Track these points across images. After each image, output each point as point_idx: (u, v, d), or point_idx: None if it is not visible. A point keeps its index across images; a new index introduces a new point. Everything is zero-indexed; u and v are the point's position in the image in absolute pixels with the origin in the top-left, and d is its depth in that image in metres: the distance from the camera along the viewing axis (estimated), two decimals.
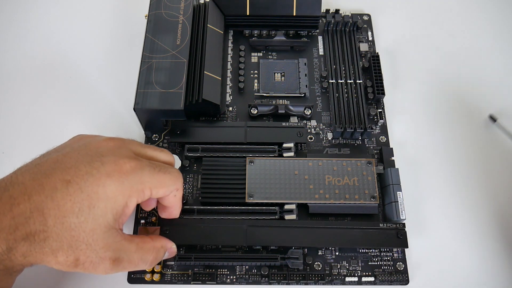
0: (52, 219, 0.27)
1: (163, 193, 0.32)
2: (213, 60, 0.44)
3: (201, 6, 0.46)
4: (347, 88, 0.45)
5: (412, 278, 0.37)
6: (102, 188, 0.28)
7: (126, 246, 0.30)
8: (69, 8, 0.52)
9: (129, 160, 0.30)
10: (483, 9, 0.54)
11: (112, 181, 0.29)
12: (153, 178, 0.31)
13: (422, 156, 0.44)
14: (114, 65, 0.48)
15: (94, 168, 0.29)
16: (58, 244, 0.27)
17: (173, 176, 0.32)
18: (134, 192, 0.30)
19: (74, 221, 0.27)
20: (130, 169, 0.30)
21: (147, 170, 0.30)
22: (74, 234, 0.28)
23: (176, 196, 0.34)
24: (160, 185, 0.31)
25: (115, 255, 0.29)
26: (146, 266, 0.32)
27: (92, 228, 0.28)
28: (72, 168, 0.29)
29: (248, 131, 0.42)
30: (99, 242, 0.28)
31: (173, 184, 0.32)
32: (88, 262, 0.29)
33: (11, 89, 0.47)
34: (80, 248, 0.28)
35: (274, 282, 0.37)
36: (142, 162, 0.31)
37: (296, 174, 0.39)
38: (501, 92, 0.48)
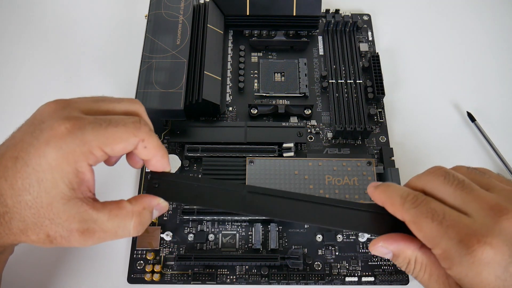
0: (10, 199, 0.26)
1: (122, 149, 0.28)
2: (213, 60, 0.44)
3: (201, 6, 0.46)
4: (347, 88, 0.45)
5: (412, 278, 0.37)
6: (44, 159, 0.26)
7: (94, 216, 0.27)
8: (69, 8, 0.52)
9: (66, 122, 0.26)
10: (482, 9, 0.54)
11: (51, 149, 0.26)
12: (100, 135, 0.26)
13: (422, 156, 0.44)
14: (114, 65, 0.48)
15: (35, 138, 0.26)
16: (23, 224, 0.27)
17: (128, 127, 0.27)
18: (79, 156, 0.26)
19: (29, 198, 0.26)
20: (66, 131, 0.26)
21: (89, 128, 0.26)
22: (34, 211, 0.26)
23: (147, 147, 0.28)
24: (112, 141, 0.27)
25: (82, 227, 0.27)
26: (132, 233, 0.29)
27: (48, 202, 0.26)
28: (19, 142, 0.27)
29: (248, 131, 0.42)
30: (61, 215, 0.26)
31: (132, 136, 0.27)
32: (59, 237, 0.27)
33: (11, 89, 0.47)
34: (45, 224, 0.27)
35: (274, 282, 0.37)
36: (82, 121, 0.27)
37: (296, 174, 0.39)
38: (503, 92, 0.48)
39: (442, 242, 0.25)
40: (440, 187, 0.27)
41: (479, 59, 0.50)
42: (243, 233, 0.39)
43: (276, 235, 0.38)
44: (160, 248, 0.38)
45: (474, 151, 0.44)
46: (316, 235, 0.39)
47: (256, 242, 0.38)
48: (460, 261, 0.24)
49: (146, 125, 0.28)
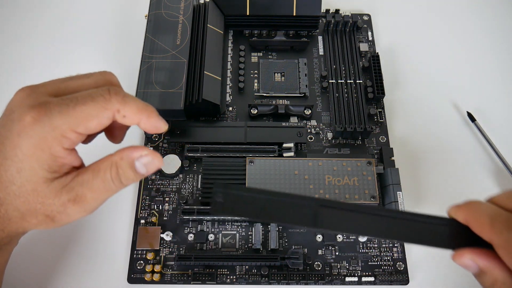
0: (1, 192, 0.27)
1: (97, 125, 0.27)
2: (213, 60, 0.44)
3: (201, 6, 0.46)
4: (347, 88, 0.45)
5: (412, 278, 0.37)
6: (18, 149, 0.26)
7: (79, 180, 0.27)
8: (69, 8, 0.52)
9: (31, 110, 0.26)
10: (482, 9, 0.54)
11: (22, 139, 0.26)
12: (68, 117, 0.26)
13: (422, 156, 0.44)
14: (114, 65, 0.48)
15: (8, 130, 0.26)
16: (18, 212, 0.27)
17: (97, 101, 0.26)
18: (51, 142, 0.26)
19: (14, 188, 0.26)
20: (33, 120, 0.25)
21: (56, 112, 0.25)
22: (23, 199, 0.27)
23: (126, 116, 0.27)
24: (83, 120, 0.26)
25: (72, 195, 0.27)
26: (115, 185, 0.28)
27: (32, 188, 0.26)
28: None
29: (248, 131, 0.42)
30: (49, 195, 0.27)
31: (103, 110, 0.26)
32: (57, 214, 0.27)
33: (11, 89, 0.47)
34: (38, 208, 0.27)
35: (274, 282, 0.37)
36: (48, 105, 0.26)
37: (296, 174, 0.39)
38: (503, 92, 0.48)
39: None
40: None
41: (479, 59, 0.50)
42: (243, 233, 0.39)
43: (276, 235, 0.38)
44: (160, 248, 0.38)
45: (474, 151, 0.44)
46: (316, 235, 0.39)
47: (256, 242, 0.38)
48: None
49: (118, 93, 0.27)
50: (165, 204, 0.40)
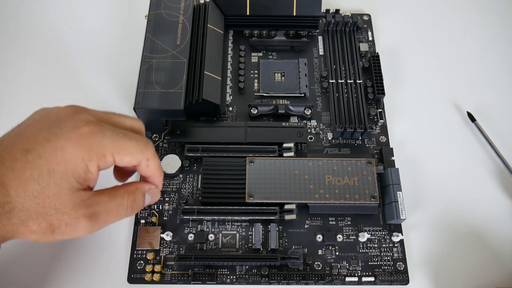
0: (14, 189, 0.27)
1: (128, 161, 0.30)
2: (213, 60, 0.44)
3: (201, 6, 0.46)
4: (347, 88, 0.45)
5: (412, 278, 0.37)
6: (60, 152, 0.27)
7: (98, 200, 0.29)
8: (69, 8, 0.52)
9: (90, 123, 0.29)
10: (482, 9, 0.54)
11: (70, 144, 0.28)
12: (116, 143, 0.29)
13: (422, 156, 0.44)
14: (114, 65, 0.48)
15: (52, 134, 0.28)
16: (25, 214, 0.27)
17: (139, 143, 0.30)
18: (94, 155, 0.28)
19: (36, 188, 0.27)
20: (89, 131, 0.28)
21: (108, 134, 0.29)
22: (39, 201, 0.27)
23: (149, 166, 0.31)
24: (123, 151, 0.29)
25: (89, 211, 0.29)
26: (127, 212, 0.31)
27: (55, 192, 0.27)
28: (32, 137, 0.28)
29: (248, 131, 0.42)
30: (67, 204, 0.28)
31: (140, 153, 0.30)
32: (64, 225, 0.28)
33: (12, 89, 0.47)
34: (50, 214, 0.28)
35: (274, 282, 0.37)
36: (104, 126, 0.29)
37: (296, 174, 0.39)
38: (503, 92, 0.48)
39: None
40: None
41: (479, 59, 0.50)
42: (243, 233, 0.39)
43: (276, 235, 0.38)
44: (160, 248, 0.38)
45: (474, 151, 0.44)
46: (316, 235, 0.39)
47: (256, 242, 0.38)
48: None
49: (153, 146, 0.32)
50: (165, 204, 0.40)
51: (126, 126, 0.32)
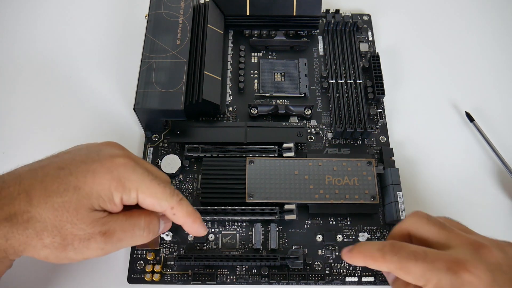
0: (36, 199, 0.28)
1: (151, 204, 0.31)
2: (213, 60, 0.44)
3: (201, 6, 0.46)
4: (347, 88, 0.45)
5: None
6: (91, 174, 0.29)
7: (114, 218, 0.30)
8: (69, 8, 0.52)
9: (126, 157, 0.30)
10: (482, 9, 0.54)
11: (102, 169, 0.29)
12: (143, 182, 0.30)
13: (422, 156, 0.44)
14: (114, 65, 0.48)
15: (89, 158, 0.30)
16: (41, 225, 0.28)
17: (166, 190, 0.31)
18: (120, 186, 0.29)
19: (58, 200, 0.28)
20: (123, 163, 0.30)
21: (139, 172, 0.30)
22: (57, 214, 0.28)
23: (176, 215, 0.32)
24: (148, 193, 0.30)
25: (104, 228, 0.29)
26: (144, 234, 0.31)
27: (75, 207, 0.28)
28: (69, 159, 0.30)
29: (248, 131, 0.42)
30: (84, 220, 0.28)
31: (165, 199, 0.31)
32: (77, 241, 0.29)
33: (12, 89, 0.47)
34: (65, 228, 0.28)
35: (274, 282, 0.37)
36: (138, 164, 0.31)
37: (296, 174, 0.39)
38: (501, 92, 0.48)
39: (432, 275, 0.27)
40: (425, 226, 0.31)
41: (478, 59, 0.50)
42: (243, 233, 0.39)
43: (276, 235, 0.38)
44: (160, 248, 0.38)
45: (473, 151, 0.44)
46: (316, 235, 0.39)
47: (256, 242, 0.38)
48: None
49: (179, 194, 0.32)
50: None
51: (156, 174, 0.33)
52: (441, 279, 0.27)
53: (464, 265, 0.27)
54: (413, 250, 0.29)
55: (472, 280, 0.26)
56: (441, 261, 0.27)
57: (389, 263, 0.29)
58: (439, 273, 0.27)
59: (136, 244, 0.33)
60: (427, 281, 0.27)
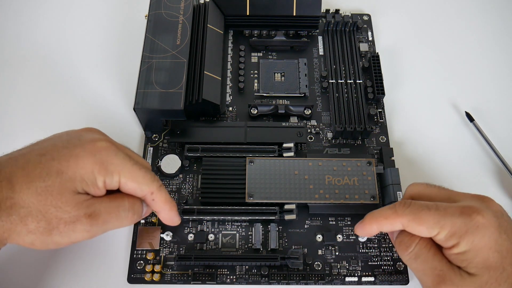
0: (19, 185, 0.28)
1: (132, 189, 0.31)
2: (213, 60, 0.44)
3: (201, 6, 0.46)
4: (347, 88, 0.45)
5: (412, 278, 0.37)
6: (74, 158, 0.29)
7: (99, 200, 0.30)
8: (69, 8, 0.52)
9: (107, 141, 0.31)
10: (482, 9, 0.54)
11: (85, 153, 0.29)
12: (125, 166, 0.30)
13: (422, 156, 0.44)
14: (114, 65, 0.48)
15: (71, 143, 0.30)
16: (25, 210, 0.28)
17: (147, 175, 0.32)
18: (102, 169, 0.29)
19: (41, 185, 0.28)
20: (105, 146, 0.30)
21: (121, 156, 0.30)
22: (41, 198, 0.28)
23: (154, 200, 0.33)
24: (130, 177, 0.31)
25: (89, 211, 0.29)
26: (128, 215, 0.32)
27: (59, 191, 0.28)
28: (50, 145, 0.30)
29: (248, 131, 0.42)
30: (69, 203, 0.29)
31: (145, 184, 0.31)
32: (63, 224, 0.29)
33: (11, 89, 0.47)
34: (50, 212, 0.28)
35: (274, 282, 0.37)
36: (119, 148, 0.31)
37: (296, 174, 0.39)
38: (501, 92, 0.48)
39: (446, 221, 0.29)
40: (426, 189, 0.33)
41: (477, 59, 0.50)
42: (243, 233, 0.39)
43: (276, 235, 0.38)
44: (160, 248, 0.38)
45: (473, 151, 0.44)
46: (316, 235, 0.39)
47: (256, 242, 0.38)
48: (466, 230, 0.28)
49: (159, 181, 0.33)
50: None
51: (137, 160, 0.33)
52: (455, 223, 0.28)
53: (476, 209, 0.29)
54: (423, 203, 0.30)
55: (484, 222, 0.28)
56: (453, 208, 0.29)
57: (401, 217, 0.30)
58: (453, 218, 0.29)
59: (121, 227, 0.32)
60: (442, 227, 0.29)
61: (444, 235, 0.29)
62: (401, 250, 0.31)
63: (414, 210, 0.30)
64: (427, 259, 0.30)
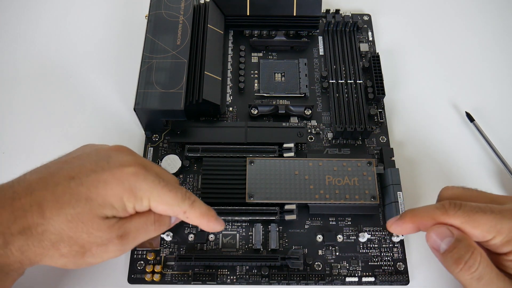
0: (49, 211, 0.28)
1: (164, 210, 0.31)
2: (213, 60, 0.44)
3: (201, 6, 0.46)
4: (347, 88, 0.45)
5: (412, 278, 0.38)
6: (102, 184, 0.29)
7: (128, 220, 0.30)
8: (70, 8, 0.52)
9: (135, 164, 0.30)
10: (482, 9, 0.54)
11: (113, 179, 0.29)
12: (154, 190, 0.30)
13: (422, 156, 0.44)
14: (114, 65, 0.48)
15: (99, 166, 0.29)
16: (57, 237, 0.28)
17: (177, 196, 0.31)
18: (131, 196, 0.29)
19: (71, 212, 0.28)
20: (134, 172, 0.29)
21: (150, 180, 0.30)
22: (71, 225, 0.28)
23: (188, 218, 0.32)
24: (160, 201, 0.30)
25: (120, 232, 0.30)
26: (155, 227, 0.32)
27: (89, 218, 0.28)
28: (78, 166, 0.29)
29: (248, 131, 0.42)
30: (100, 228, 0.29)
31: (176, 205, 0.31)
32: (95, 247, 0.29)
33: (11, 89, 0.47)
34: (81, 237, 0.28)
35: (275, 282, 0.37)
36: (148, 171, 0.30)
37: (297, 174, 0.39)
38: (501, 92, 0.48)
39: (503, 224, 0.27)
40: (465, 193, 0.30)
41: (478, 59, 0.50)
42: (243, 233, 0.39)
43: (276, 235, 0.38)
44: (161, 248, 0.38)
45: (473, 151, 0.44)
46: (317, 235, 0.39)
47: (257, 242, 0.38)
48: None
49: (190, 198, 0.31)
50: None
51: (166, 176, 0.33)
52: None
53: None
54: (476, 205, 0.28)
55: None
56: (509, 211, 0.27)
57: (453, 218, 0.28)
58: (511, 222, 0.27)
59: (149, 237, 0.33)
60: (498, 232, 0.27)
61: (500, 240, 0.27)
62: (462, 270, 0.28)
63: (467, 212, 0.27)
64: (491, 280, 0.27)
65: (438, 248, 0.29)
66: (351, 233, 0.39)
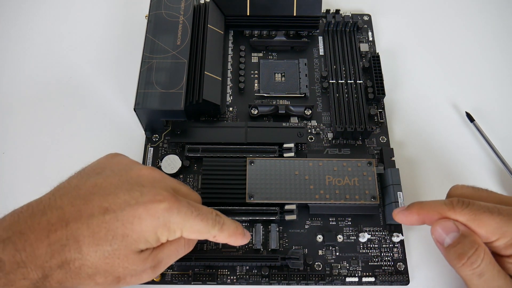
0: (86, 247, 0.28)
1: (195, 237, 0.32)
2: (214, 61, 0.44)
3: (202, 7, 0.46)
4: (347, 88, 0.45)
5: (412, 279, 0.38)
6: (137, 220, 0.29)
7: (160, 249, 0.31)
8: (70, 8, 0.52)
9: (168, 199, 0.30)
10: (482, 9, 0.54)
11: (148, 216, 0.29)
12: (187, 222, 0.30)
13: (422, 156, 0.44)
14: (114, 66, 0.48)
15: (133, 198, 0.29)
16: (94, 271, 0.28)
17: (209, 223, 0.31)
18: (165, 230, 0.30)
19: (108, 249, 0.28)
20: (168, 207, 0.29)
21: (183, 212, 0.30)
22: (108, 261, 0.28)
23: (217, 240, 0.33)
24: (192, 231, 0.31)
25: (154, 263, 0.31)
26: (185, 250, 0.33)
27: (125, 254, 0.29)
28: (111, 195, 0.29)
29: (249, 131, 0.42)
30: (135, 262, 0.29)
31: (206, 232, 0.31)
32: (129, 277, 0.30)
33: (11, 89, 0.47)
34: (117, 271, 0.29)
35: (275, 283, 0.37)
36: (180, 203, 0.30)
37: (297, 174, 0.39)
38: (501, 92, 0.48)
39: (509, 228, 0.27)
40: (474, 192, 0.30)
41: (477, 59, 0.50)
42: None
43: (276, 235, 0.38)
44: None
45: (473, 151, 0.44)
46: (317, 235, 0.39)
47: (257, 242, 0.38)
48: None
49: (220, 221, 0.32)
50: None
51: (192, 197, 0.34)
52: None
53: None
54: (484, 205, 0.28)
55: None
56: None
57: (459, 215, 0.28)
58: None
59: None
60: (503, 234, 0.27)
61: (504, 243, 0.27)
62: (464, 265, 0.28)
63: (474, 210, 0.27)
64: (492, 278, 0.28)
65: (443, 241, 0.29)
66: (351, 233, 0.39)
